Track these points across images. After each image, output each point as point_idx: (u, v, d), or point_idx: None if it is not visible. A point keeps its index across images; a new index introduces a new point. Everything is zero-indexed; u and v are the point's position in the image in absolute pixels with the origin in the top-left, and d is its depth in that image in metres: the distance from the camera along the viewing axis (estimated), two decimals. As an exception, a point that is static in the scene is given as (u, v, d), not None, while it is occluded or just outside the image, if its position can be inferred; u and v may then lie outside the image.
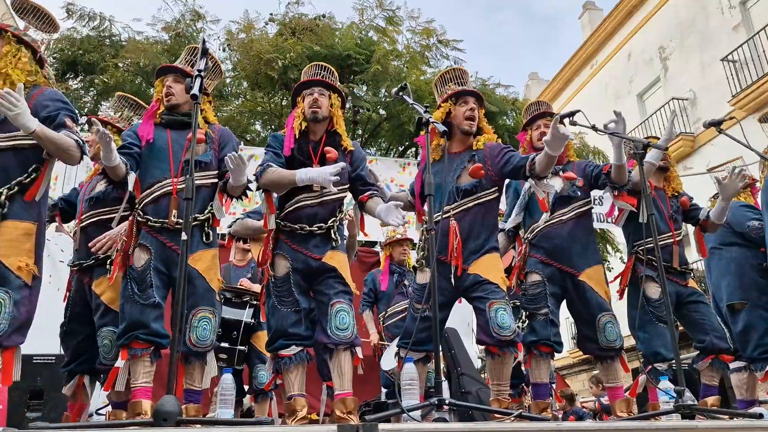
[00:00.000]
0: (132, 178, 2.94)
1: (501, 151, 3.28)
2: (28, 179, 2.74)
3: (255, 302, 4.39)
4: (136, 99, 3.81)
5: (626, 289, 3.87)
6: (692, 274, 3.97)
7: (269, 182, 3.04)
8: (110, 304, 3.22)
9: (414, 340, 3.13)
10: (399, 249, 5.53)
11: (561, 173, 3.66)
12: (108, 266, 3.22)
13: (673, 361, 3.62)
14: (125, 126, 3.61)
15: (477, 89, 3.72)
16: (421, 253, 3.30)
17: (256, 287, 4.50)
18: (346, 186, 3.20)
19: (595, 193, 4.81)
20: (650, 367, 3.64)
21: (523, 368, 3.67)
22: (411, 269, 5.60)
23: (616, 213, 3.93)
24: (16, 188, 2.70)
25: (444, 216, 3.21)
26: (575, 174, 3.62)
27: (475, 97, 3.43)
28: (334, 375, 2.93)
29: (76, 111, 2.98)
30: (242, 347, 4.24)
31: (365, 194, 3.21)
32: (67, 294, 3.41)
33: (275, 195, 3.14)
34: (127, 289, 2.85)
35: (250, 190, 3.16)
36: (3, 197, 2.64)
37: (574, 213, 3.59)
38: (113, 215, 3.30)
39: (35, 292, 2.71)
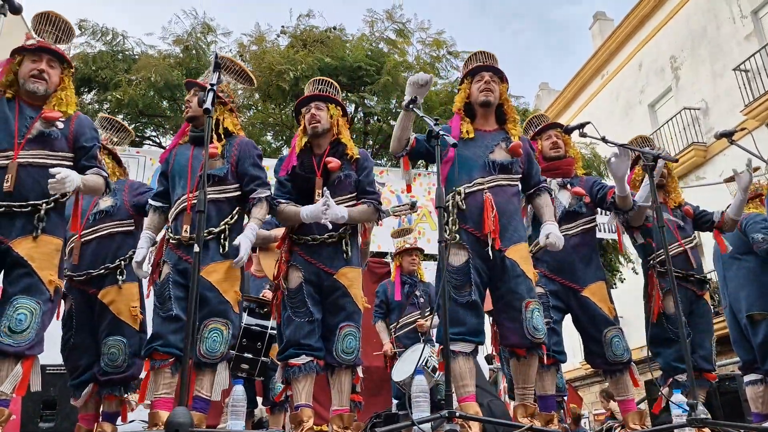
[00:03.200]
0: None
1: (531, 161, 3.30)
2: (64, 197, 2.89)
3: None
4: (118, 121, 3.88)
5: (649, 305, 3.87)
6: (709, 285, 3.97)
7: (282, 220, 3.19)
8: (119, 314, 3.30)
9: (469, 330, 2.94)
10: (408, 258, 5.53)
11: (569, 187, 3.67)
12: (117, 275, 3.36)
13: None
14: (112, 149, 3.73)
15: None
16: (454, 227, 3.05)
17: None
18: (354, 194, 3.23)
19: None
20: (671, 380, 3.64)
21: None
22: (421, 280, 5.60)
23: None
24: (53, 204, 2.82)
25: (477, 188, 3.08)
26: (583, 190, 3.63)
27: (492, 71, 3.27)
28: (333, 391, 3.02)
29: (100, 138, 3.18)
30: (265, 358, 4.24)
31: (359, 201, 3.23)
32: (61, 310, 3.47)
33: None
34: (154, 303, 2.96)
35: (274, 199, 3.19)
36: (42, 212, 2.76)
37: (579, 229, 3.61)
38: (121, 229, 3.42)
39: (56, 306, 2.83)
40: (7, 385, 2.56)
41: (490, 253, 2.98)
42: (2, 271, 2.78)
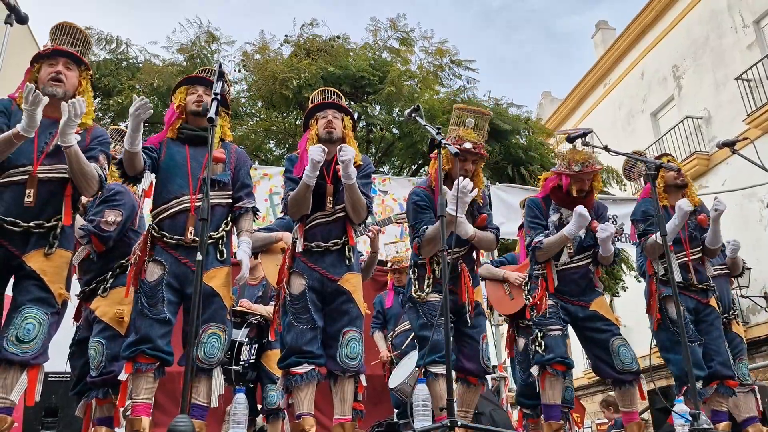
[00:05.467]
0: (148, 177, 2.98)
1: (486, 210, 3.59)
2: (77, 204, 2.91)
3: (254, 322, 4.39)
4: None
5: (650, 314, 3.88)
6: (715, 292, 3.96)
7: (292, 206, 3.13)
8: (102, 317, 3.27)
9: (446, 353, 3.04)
10: (396, 276, 5.61)
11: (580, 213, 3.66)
12: (102, 289, 3.34)
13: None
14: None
15: (490, 108, 3.78)
16: (428, 289, 3.38)
17: (257, 307, 4.49)
18: None
19: (611, 212, 4.73)
20: (686, 387, 3.61)
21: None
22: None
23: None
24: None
25: (453, 257, 3.38)
26: (594, 215, 3.65)
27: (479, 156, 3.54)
28: (336, 400, 3.01)
29: (111, 154, 3.09)
30: (236, 367, 4.20)
31: None
32: (74, 322, 3.50)
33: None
34: (137, 303, 2.86)
35: (258, 211, 3.22)
36: (59, 229, 2.76)
37: (589, 260, 3.65)
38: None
39: (61, 319, 2.81)
40: (14, 394, 2.55)
41: (468, 319, 3.36)
42: (11, 280, 2.77)
